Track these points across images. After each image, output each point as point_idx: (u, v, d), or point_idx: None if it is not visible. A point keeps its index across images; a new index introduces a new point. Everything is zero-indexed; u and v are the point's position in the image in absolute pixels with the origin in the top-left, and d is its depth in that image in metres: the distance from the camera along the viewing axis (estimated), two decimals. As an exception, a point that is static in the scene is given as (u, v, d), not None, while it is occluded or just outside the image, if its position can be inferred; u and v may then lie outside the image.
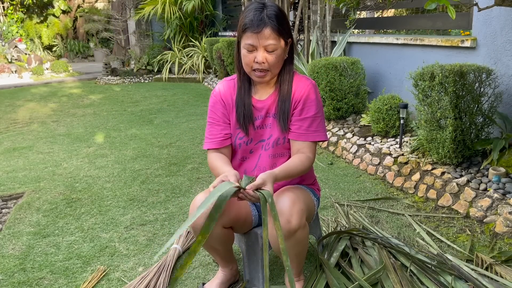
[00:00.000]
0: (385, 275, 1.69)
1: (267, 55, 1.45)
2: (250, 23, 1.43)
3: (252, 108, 1.58)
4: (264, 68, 1.47)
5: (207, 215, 1.40)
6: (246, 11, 1.47)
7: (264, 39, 1.42)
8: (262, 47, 1.44)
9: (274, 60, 1.46)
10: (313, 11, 5.18)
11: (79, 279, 1.87)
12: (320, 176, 2.99)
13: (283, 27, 1.46)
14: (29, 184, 3.09)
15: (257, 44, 1.43)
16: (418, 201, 2.52)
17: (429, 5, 1.75)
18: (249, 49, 1.45)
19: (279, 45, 1.45)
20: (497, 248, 1.96)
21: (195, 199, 1.50)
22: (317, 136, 1.56)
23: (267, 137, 1.60)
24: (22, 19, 13.36)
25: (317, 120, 1.56)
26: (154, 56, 9.08)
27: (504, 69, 2.72)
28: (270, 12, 1.44)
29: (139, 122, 5.03)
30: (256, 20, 1.42)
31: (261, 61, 1.45)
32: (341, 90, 3.72)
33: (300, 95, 1.56)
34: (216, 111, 1.62)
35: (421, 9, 4.54)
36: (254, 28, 1.42)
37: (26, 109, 6.18)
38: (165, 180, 3.06)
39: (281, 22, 1.45)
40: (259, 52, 1.44)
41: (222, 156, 1.59)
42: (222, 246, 1.60)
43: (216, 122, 1.62)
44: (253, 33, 1.42)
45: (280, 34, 1.45)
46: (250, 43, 1.44)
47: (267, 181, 1.34)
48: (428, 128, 2.59)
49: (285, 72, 1.56)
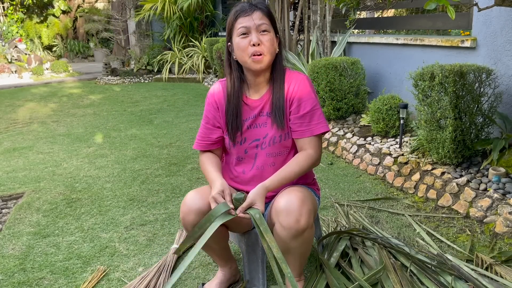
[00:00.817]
0: (385, 275, 1.69)
1: (261, 36, 1.48)
2: (241, 9, 1.50)
3: (246, 106, 1.59)
4: (260, 50, 1.48)
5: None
6: (235, 7, 1.54)
7: (257, 19, 1.47)
8: (255, 29, 1.47)
9: (268, 42, 1.49)
10: (313, 11, 5.18)
11: (79, 279, 1.87)
12: (320, 176, 2.99)
13: (272, 18, 1.52)
14: (29, 184, 3.09)
15: (250, 25, 1.47)
16: (418, 201, 2.52)
17: (429, 5, 1.75)
18: (243, 32, 1.48)
19: (270, 28, 1.50)
20: (497, 248, 1.96)
21: (186, 197, 1.53)
22: (320, 128, 1.56)
23: (262, 136, 1.59)
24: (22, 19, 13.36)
25: (316, 112, 1.56)
26: (154, 56, 9.08)
27: (504, 69, 2.72)
28: (259, 3, 1.52)
29: (139, 122, 5.03)
30: (246, 6, 1.50)
31: (256, 41, 1.46)
32: (341, 90, 3.72)
33: (294, 90, 1.55)
34: (208, 113, 1.66)
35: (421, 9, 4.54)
36: (245, 12, 1.48)
37: (26, 109, 6.18)
38: (165, 180, 3.06)
39: (269, 11, 1.52)
40: (253, 34, 1.47)
41: (213, 158, 1.63)
42: (217, 244, 1.61)
43: (206, 124, 1.65)
44: (245, 16, 1.48)
45: (270, 18, 1.51)
46: (243, 25, 1.47)
47: (257, 199, 1.41)
48: (428, 128, 2.59)
49: (277, 70, 1.58)
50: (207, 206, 1.47)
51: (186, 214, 1.49)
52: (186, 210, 1.49)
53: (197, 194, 1.51)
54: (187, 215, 1.48)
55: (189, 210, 1.48)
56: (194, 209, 1.47)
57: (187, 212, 1.49)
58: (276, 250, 1.28)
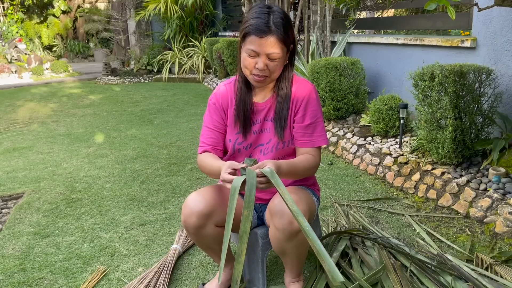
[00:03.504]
0: (385, 275, 1.69)
1: (269, 62, 1.42)
2: (254, 29, 1.38)
3: (252, 110, 1.57)
4: (264, 74, 1.45)
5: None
6: (251, 13, 1.43)
7: (269, 47, 1.39)
8: (264, 54, 1.41)
9: (275, 67, 1.44)
10: (313, 11, 5.18)
11: (79, 279, 1.87)
12: (320, 176, 2.99)
13: (288, 36, 1.42)
14: (29, 184, 3.09)
15: (260, 51, 1.40)
16: (418, 201, 2.52)
17: (429, 6, 1.75)
18: (251, 54, 1.42)
19: (280, 54, 1.43)
20: (497, 248, 1.96)
21: (187, 199, 1.50)
22: (321, 140, 1.56)
23: (266, 142, 1.59)
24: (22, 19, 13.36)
25: (319, 125, 1.56)
26: (154, 56, 9.08)
27: (504, 69, 2.72)
28: (277, 19, 1.40)
29: (139, 122, 5.03)
30: (262, 26, 1.38)
31: (262, 68, 1.42)
32: (341, 90, 3.72)
33: (301, 99, 1.54)
34: (210, 117, 1.61)
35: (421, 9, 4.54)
36: (258, 33, 1.38)
37: (26, 109, 6.18)
38: (165, 180, 3.06)
39: (286, 31, 1.41)
40: (260, 59, 1.41)
41: (212, 154, 1.58)
42: (218, 245, 1.59)
43: (212, 127, 1.60)
44: (257, 39, 1.39)
45: (284, 44, 1.42)
46: (253, 49, 1.40)
47: (267, 163, 1.33)
48: (428, 128, 2.59)
49: (284, 77, 1.54)
50: (209, 208, 1.47)
51: (188, 217, 1.47)
52: (188, 213, 1.47)
53: (199, 196, 1.49)
54: (189, 218, 1.47)
55: (191, 212, 1.46)
56: (196, 211, 1.45)
57: (188, 215, 1.47)
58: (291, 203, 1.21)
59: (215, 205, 1.48)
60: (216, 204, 1.49)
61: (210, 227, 1.50)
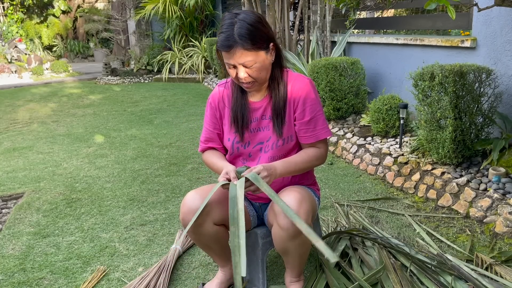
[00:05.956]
0: (385, 275, 1.69)
1: (248, 70, 1.44)
2: (221, 45, 1.40)
3: (248, 110, 1.59)
4: (249, 81, 1.47)
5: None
6: (220, 27, 1.46)
7: (239, 58, 1.40)
8: (239, 65, 1.42)
9: (257, 72, 1.45)
10: (313, 11, 5.18)
11: (79, 279, 1.87)
12: (320, 176, 2.99)
13: (256, 41, 1.40)
14: (29, 184, 3.09)
15: (234, 63, 1.42)
16: (418, 201, 2.52)
17: (429, 5, 1.75)
18: (229, 67, 1.45)
19: (257, 59, 1.42)
20: (497, 248, 1.96)
21: (185, 197, 1.53)
22: (325, 133, 1.58)
23: (266, 140, 1.60)
24: (22, 19, 13.36)
25: (320, 118, 1.57)
26: (154, 56, 9.08)
27: (504, 69, 2.72)
28: (240, 29, 1.38)
29: (139, 122, 5.03)
30: (226, 41, 1.38)
31: (243, 77, 1.44)
32: (341, 90, 3.72)
33: (299, 95, 1.55)
34: (208, 118, 1.67)
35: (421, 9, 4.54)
36: (225, 49, 1.40)
37: (26, 109, 6.18)
38: (165, 180, 3.06)
39: (253, 37, 1.39)
40: (239, 70, 1.43)
41: (216, 152, 1.66)
42: (217, 244, 1.60)
43: (211, 128, 1.66)
44: (226, 53, 1.41)
45: (254, 49, 1.40)
46: (227, 62, 1.44)
47: (258, 167, 1.40)
48: (428, 128, 2.59)
49: (276, 76, 1.55)
50: (207, 206, 1.48)
51: (186, 215, 1.49)
52: (186, 211, 1.49)
53: (197, 194, 1.51)
54: (187, 216, 1.49)
55: (189, 210, 1.48)
56: (194, 209, 1.47)
57: (187, 213, 1.49)
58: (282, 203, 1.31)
59: (213, 203, 1.49)
60: (214, 202, 1.50)
61: (209, 225, 1.51)
